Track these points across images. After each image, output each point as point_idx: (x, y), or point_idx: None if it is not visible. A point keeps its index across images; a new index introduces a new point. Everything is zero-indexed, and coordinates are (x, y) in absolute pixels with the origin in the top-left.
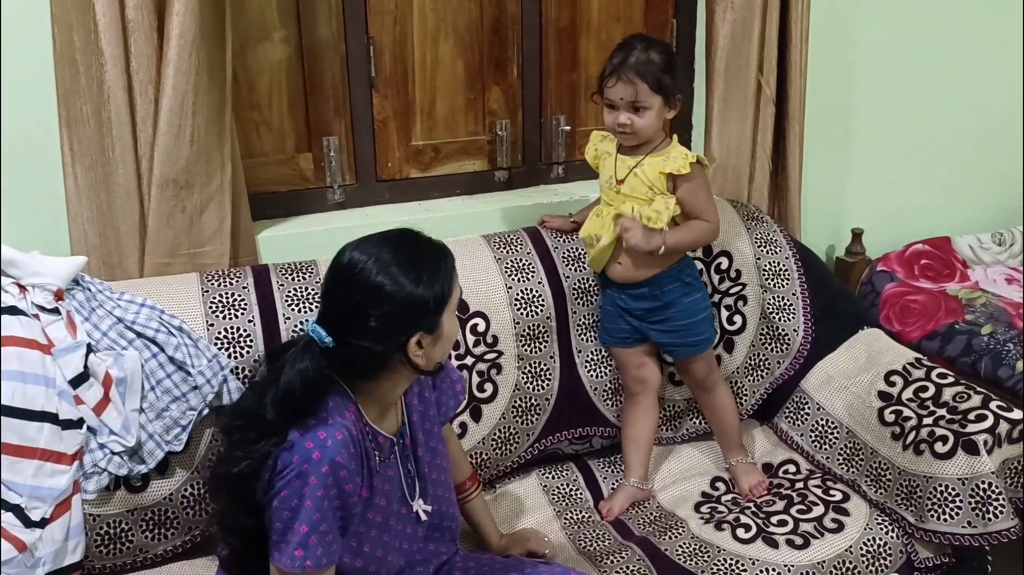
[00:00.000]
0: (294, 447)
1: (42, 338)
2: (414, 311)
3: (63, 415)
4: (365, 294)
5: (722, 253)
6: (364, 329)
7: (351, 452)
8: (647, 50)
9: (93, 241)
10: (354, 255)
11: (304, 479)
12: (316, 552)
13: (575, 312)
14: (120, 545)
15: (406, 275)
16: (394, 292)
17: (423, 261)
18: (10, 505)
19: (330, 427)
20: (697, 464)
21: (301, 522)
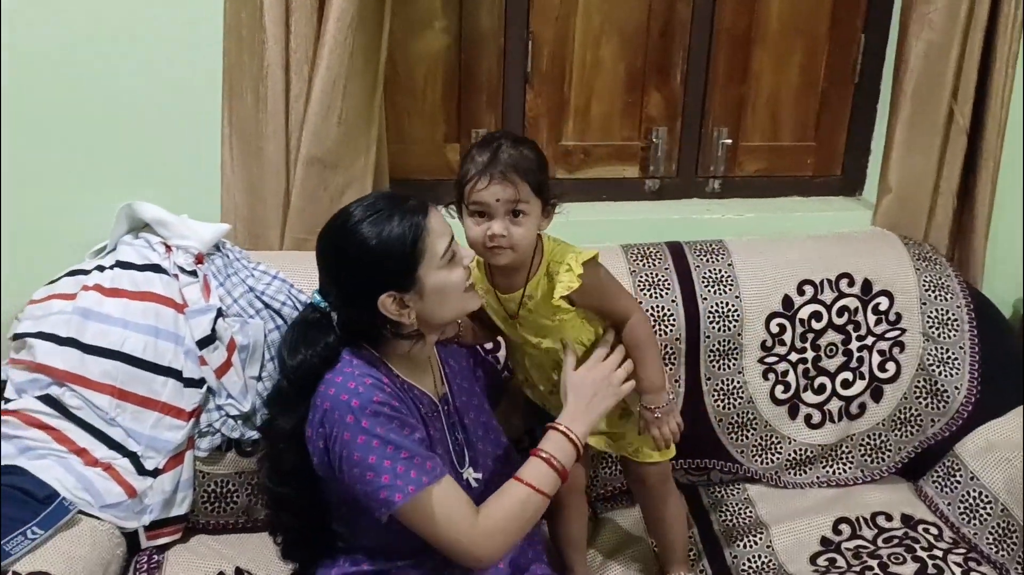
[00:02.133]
0: (333, 405)
1: (178, 298)
2: (378, 272)
3: (187, 373)
4: (335, 257)
5: (883, 292)
6: (342, 294)
7: (387, 393)
8: (518, 146)
9: (242, 211)
10: (332, 221)
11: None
12: (410, 475)
13: (708, 337)
14: (225, 504)
15: (366, 234)
16: (357, 254)
17: (389, 219)
18: (128, 452)
19: (357, 377)
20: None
21: (380, 459)
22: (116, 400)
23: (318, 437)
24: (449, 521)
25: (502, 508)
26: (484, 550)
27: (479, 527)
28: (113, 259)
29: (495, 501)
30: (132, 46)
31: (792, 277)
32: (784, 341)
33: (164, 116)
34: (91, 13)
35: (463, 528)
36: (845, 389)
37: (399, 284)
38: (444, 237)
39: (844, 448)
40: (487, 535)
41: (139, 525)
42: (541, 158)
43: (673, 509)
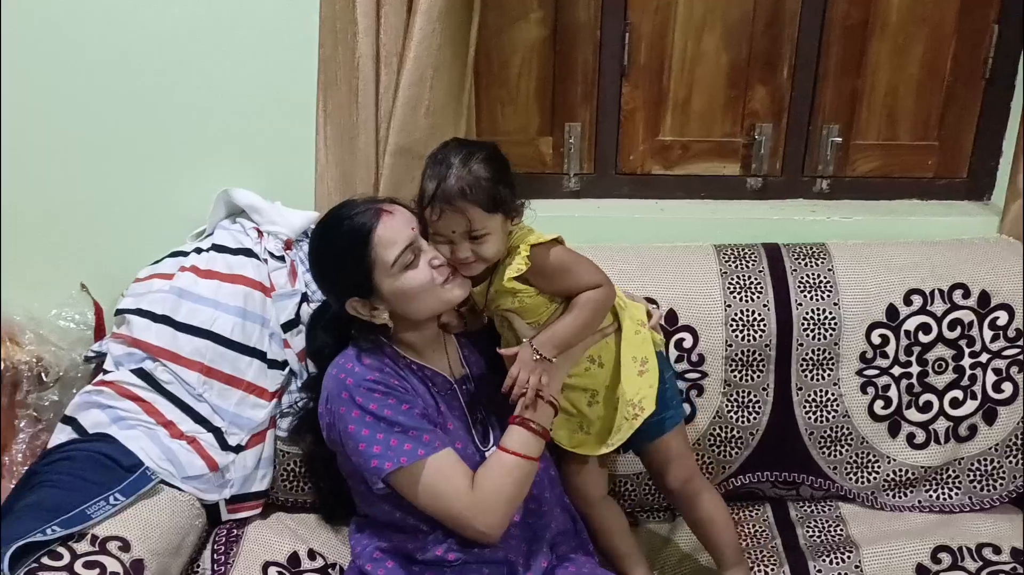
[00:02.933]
0: (333, 386)
1: (267, 281)
2: (335, 281)
3: (271, 355)
4: (310, 266)
5: (1002, 306)
6: (322, 292)
7: (386, 373)
8: (466, 163)
9: (335, 199)
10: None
11: (349, 403)
12: (403, 447)
13: (802, 345)
14: (303, 484)
15: (319, 244)
16: (313, 260)
17: (337, 229)
18: (213, 427)
19: (355, 360)
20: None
21: (373, 431)
22: (204, 377)
23: (326, 413)
24: (444, 493)
25: (492, 478)
26: (483, 520)
27: (474, 498)
28: (210, 242)
29: (484, 473)
30: (234, 39)
31: (899, 285)
32: (887, 353)
33: (264, 106)
34: (197, 6)
35: (459, 499)
36: (954, 408)
37: (358, 291)
38: (394, 246)
39: (951, 472)
40: (483, 505)
41: (220, 498)
42: (496, 167)
43: (708, 509)
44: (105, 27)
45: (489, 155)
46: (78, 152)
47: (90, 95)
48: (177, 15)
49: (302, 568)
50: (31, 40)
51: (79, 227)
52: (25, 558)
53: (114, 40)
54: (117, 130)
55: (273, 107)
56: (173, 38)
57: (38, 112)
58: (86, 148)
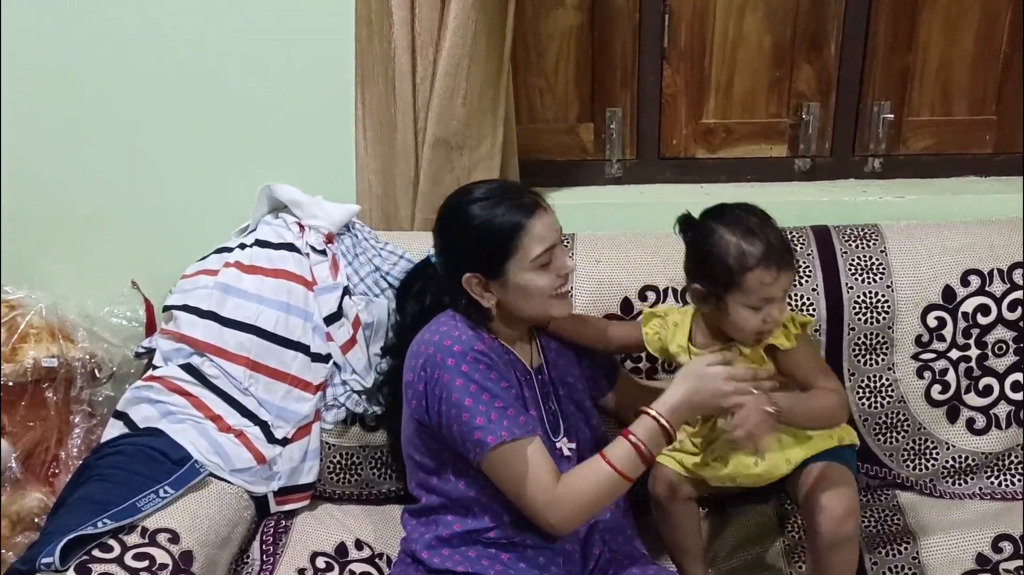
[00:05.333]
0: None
1: (309, 275)
2: (466, 252)
3: (314, 348)
4: (440, 226)
5: None
6: (440, 260)
7: (489, 348)
8: (768, 220)
9: (376, 191)
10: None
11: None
12: (502, 423)
13: (854, 329)
14: (349, 476)
15: (471, 218)
16: (452, 231)
17: (495, 208)
18: (259, 420)
19: (460, 328)
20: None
21: (475, 405)
22: (249, 371)
23: (419, 380)
24: (531, 479)
25: (583, 481)
26: (557, 517)
27: (557, 493)
28: (253, 238)
29: (577, 473)
30: (271, 36)
31: (956, 266)
32: (943, 336)
33: (303, 101)
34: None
35: (543, 489)
36: (1016, 392)
37: (485, 270)
38: (543, 242)
39: (1013, 458)
40: (563, 503)
41: (268, 490)
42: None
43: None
44: (149, 27)
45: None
46: (126, 153)
47: (134, 96)
48: (216, 14)
49: (350, 558)
50: (80, 39)
51: (129, 226)
52: (76, 550)
53: (156, 41)
54: (162, 130)
55: (312, 102)
56: (214, 38)
57: (87, 113)
58: (133, 149)
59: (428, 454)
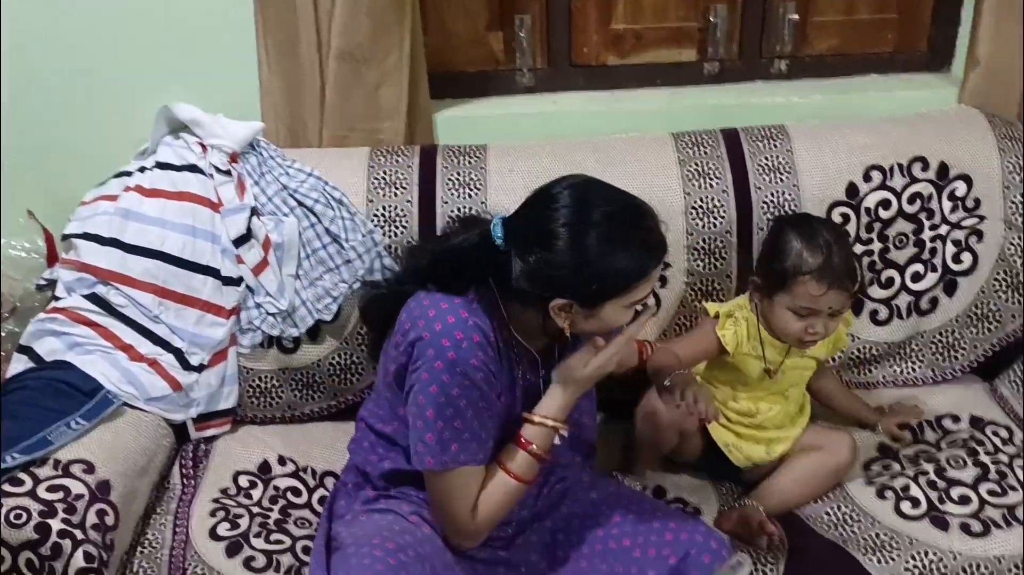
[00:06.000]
0: (430, 341)
1: (214, 197)
2: (574, 281)
3: (225, 272)
4: (545, 233)
5: (961, 177)
6: (525, 260)
7: (489, 356)
8: (840, 241)
9: (282, 109)
10: (570, 194)
11: (436, 376)
12: (451, 448)
13: (763, 229)
14: (270, 399)
15: (592, 248)
16: (567, 253)
17: (624, 247)
18: (172, 348)
19: (469, 328)
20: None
21: (438, 417)
22: (158, 298)
23: (404, 349)
24: (458, 502)
25: (494, 501)
26: (469, 538)
27: (475, 519)
28: (153, 161)
29: (489, 496)
30: None
31: (859, 163)
32: (848, 232)
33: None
34: None
35: (464, 514)
36: (915, 283)
37: (583, 302)
38: (650, 285)
39: (913, 346)
40: (478, 526)
41: (186, 417)
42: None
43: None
44: None
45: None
46: (16, 76)
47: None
48: None
49: (273, 474)
50: None
51: (22, 153)
52: None
53: None
54: (54, 52)
55: (210, 16)
56: None
57: None
58: (24, 72)
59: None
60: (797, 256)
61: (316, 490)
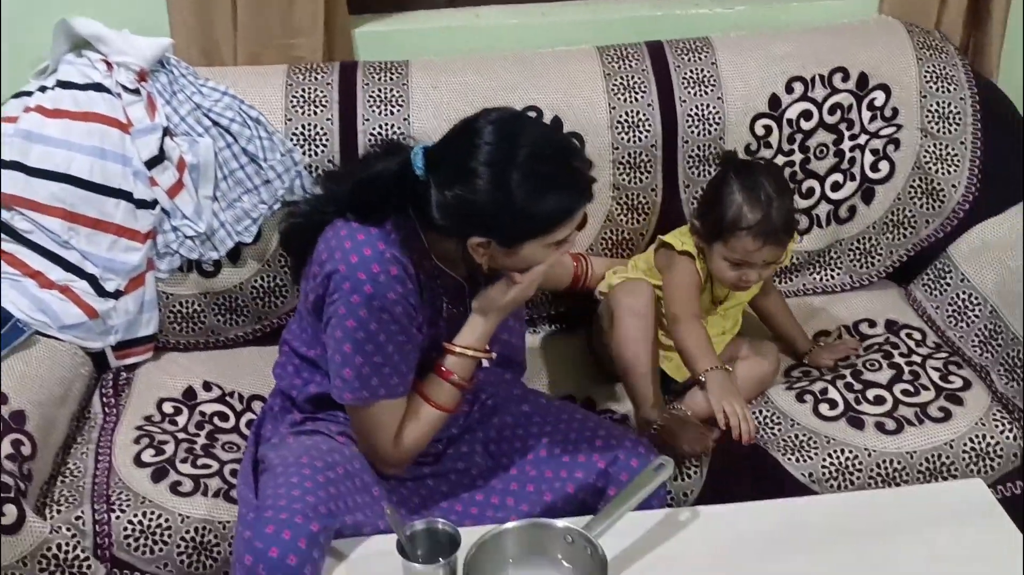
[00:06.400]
0: (346, 274)
1: (123, 117)
2: (493, 221)
3: (138, 195)
4: (466, 170)
5: (880, 87)
6: (443, 195)
7: (408, 289)
8: (782, 195)
9: (192, 26)
10: (495, 130)
11: (353, 311)
12: (371, 383)
13: (687, 142)
14: (193, 324)
15: (514, 188)
16: (487, 192)
17: (547, 188)
18: (85, 274)
19: (385, 261)
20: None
21: (356, 352)
22: (67, 223)
23: (321, 281)
24: (380, 434)
25: (417, 430)
26: (394, 467)
27: (398, 447)
28: (54, 79)
29: (412, 426)
30: None
31: (781, 74)
32: (770, 144)
33: None
34: None
35: (386, 445)
36: (835, 192)
37: (503, 241)
38: (573, 227)
39: (832, 254)
40: (401, 455)
41: (105, 345)
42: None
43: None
44: None
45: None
46: None
47: None
48: None
49: (199, 400)
50: None
51: None
52: None
53: None
54: None
55: None
56: None
57: None
58: None
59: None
60: (737, 209)
61: (244, 414)
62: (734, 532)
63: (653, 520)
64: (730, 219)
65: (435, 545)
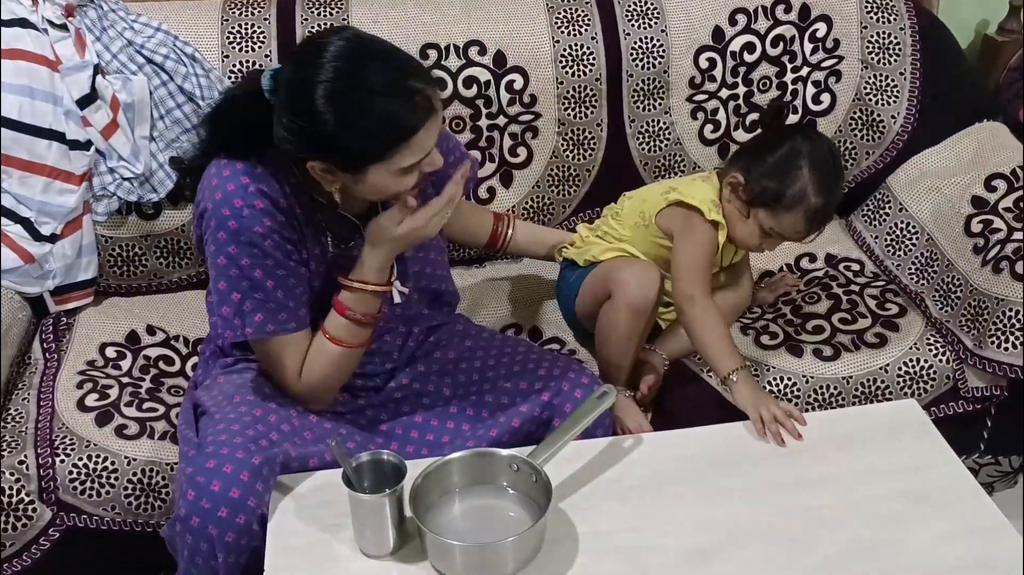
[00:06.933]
0: (212, 211)
1: (51, 54)
2: (327, 142)
3: (70, 135)
4: (302, 87)
5: (821, 18)
6: (281, 115)
7: (278, 222)
8: (841, 181)
9: None
10: (335, 48)
11: (222, 248)
12: (255, 320)
13: (632, 76)
14: (134, 268)
15: (345, 105)
16: (312, 108)
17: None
18: (19, 217)
19: (250, 195)
20: None
21: (232, 289)
22: None
23: (197, 223)
24: (282, 370)
25: (320, 366)
26: (308, 402)
27: (303, 383)
28: None
29: (313, 362)
30: None
31: (724, 6)
32: (714, 77)
33: None
34: None
35: (290, 381)
36: None
37: (343, 164)
38: (417, 154)
39: None
40: (310, 390)
41: (43, 290)
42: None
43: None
44: None
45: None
46: None
47: None
48: None
49: (143, 344)
50: None
51: None
52: None
53: None
54: None
55: None
56: None
57: None
58: None
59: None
60: (802, 187)
61: (190, 358)
62: (676, 455)
63: (597, 448)
64: (792, 195)
65: (381, 476)
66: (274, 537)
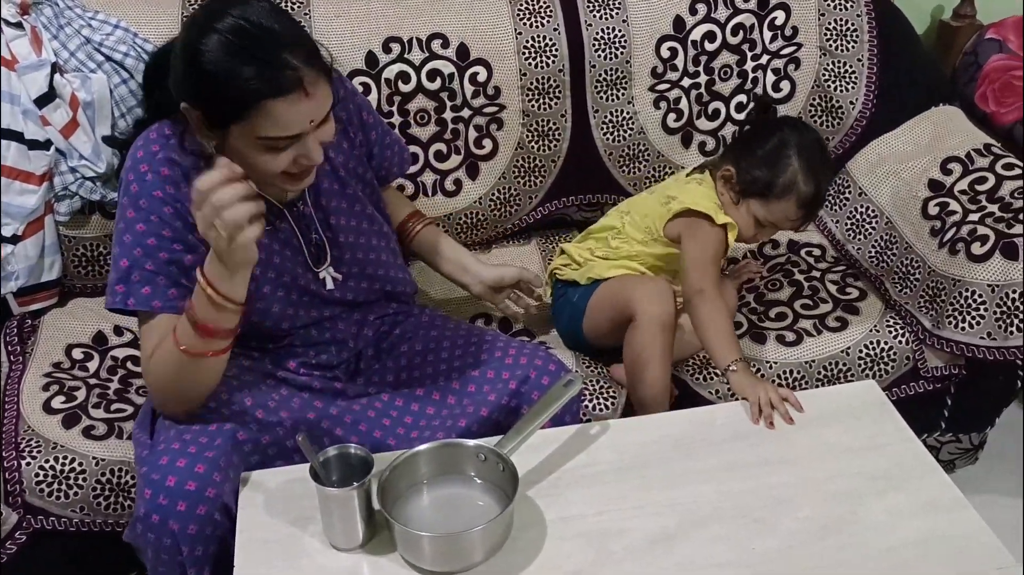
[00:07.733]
0: (121, 178)
1: (6, 53)
2: (189, 80)
3: (29, 135)
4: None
5: (780, 6)
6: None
7: (183, 192)
8: (829, 169)
9: None
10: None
11: (121, 213)
12: (141, 291)
13: (594, 67)
14: (98, 267)
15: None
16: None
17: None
18: None
19: (156, 161)
20: None
21: (122, 255)
22: None
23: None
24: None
25: (160, 360)
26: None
27: (147, 365)
28: None
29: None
30: None
31: None
32: (676, 66)
33: None
34: None
35: (144, 358)
36: (739, 113)
37: (207, 113)
38: (280, 129)
39: None
40: (148, 374)
41: (6, 292)
42: None
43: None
44: None
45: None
46: None
47: None
48: None
49: (110, 344)
50: None
51: None
52: None
53: None
54: None
55: None
56: None
57: None
58: None
59: None
60: (792, 175)
61: None
62: (642, 440)
63: (565, 435)
64: (782, 183)
65: (348, 469)
66: (243, 533)
